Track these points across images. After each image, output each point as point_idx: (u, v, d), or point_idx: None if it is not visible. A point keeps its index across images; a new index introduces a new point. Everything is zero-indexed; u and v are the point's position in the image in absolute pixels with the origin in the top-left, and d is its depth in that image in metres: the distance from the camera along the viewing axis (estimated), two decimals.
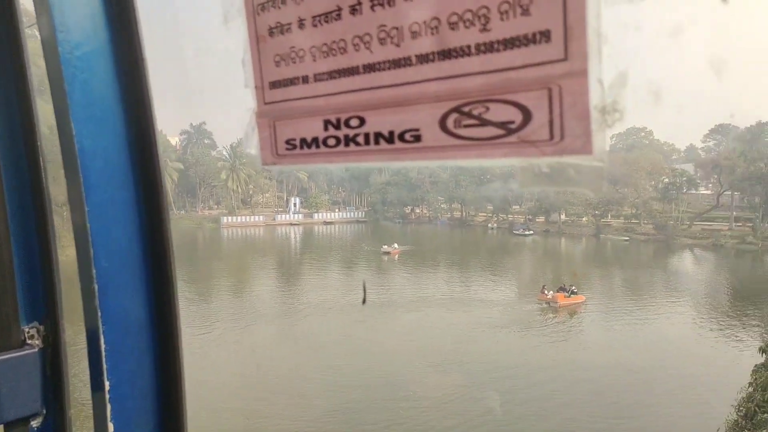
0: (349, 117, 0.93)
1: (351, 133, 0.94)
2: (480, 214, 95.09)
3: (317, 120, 0.97)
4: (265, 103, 1.04)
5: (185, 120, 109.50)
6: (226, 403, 22.33)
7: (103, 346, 1.21)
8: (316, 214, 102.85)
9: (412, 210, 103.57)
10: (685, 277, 52.43)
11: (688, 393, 23.50)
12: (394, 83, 0.87)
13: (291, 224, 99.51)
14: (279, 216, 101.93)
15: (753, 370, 15.04)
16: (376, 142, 0.91)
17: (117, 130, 1.22)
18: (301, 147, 1.01)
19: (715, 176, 69.48)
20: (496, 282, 49.23)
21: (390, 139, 0.90)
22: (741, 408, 13.86)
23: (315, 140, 0.98)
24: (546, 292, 38.36)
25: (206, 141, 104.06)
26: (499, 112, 0.80)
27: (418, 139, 0.87)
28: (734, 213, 70.45)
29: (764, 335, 32.22)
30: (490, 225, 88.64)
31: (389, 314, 37.12)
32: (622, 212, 77.04)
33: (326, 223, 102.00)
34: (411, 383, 24.28)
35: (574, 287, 39.02)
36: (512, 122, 0.79)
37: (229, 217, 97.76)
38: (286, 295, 44.34)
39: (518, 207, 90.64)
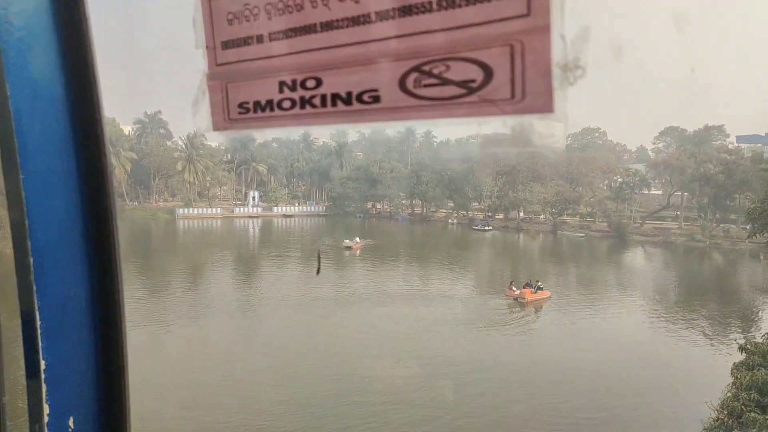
0: (305, 78, 0.89)
1: (307, 94, 0.90)
2: (440, 210, 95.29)
3: (272, 81, 0.92)
4: (217, 65, 0.98)
5: (139, 108, 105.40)
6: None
7: (38, 323, 1.14)
8: (275, 208, 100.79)
9: (373, 205, 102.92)
10: (638, 273, 53.76)
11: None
12: (353, 42, 0.83)
13: (250, 217, 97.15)
14: (238, 209, 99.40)
15: (733, 369, 15.08)
16: (334, 104, 0.88)
17: (59, 114, 1.14)
18: (255, 110, 0.96)
19: (666, 177, 71.65)
20: (460, 277, 49.15)
21: (348, 101, 0.86)
22: (725, 407, 13.87)
23: (269, 103, 0.94)
24: (514, 288, 38.33)
25: (161, 131, 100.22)
26: (460, 71, 0.77)
27: (377, 99, 0.84)
28: (683, 212, 72.95)
29: (708, 328, 33.28)
30: (450, 221, 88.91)
31: (352, 309, 36.34)
32: (579, 210, 78.64)
33: (286, 216, 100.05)
34: (373, 380, 23.54)
35: (540, 283, 39.33)
36: (473, 81, 0.77)
37: (185, 209, 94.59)
38: (245, 290, 42.84)
39: (478, 204, 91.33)
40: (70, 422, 1.18)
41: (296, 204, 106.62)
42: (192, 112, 1.00)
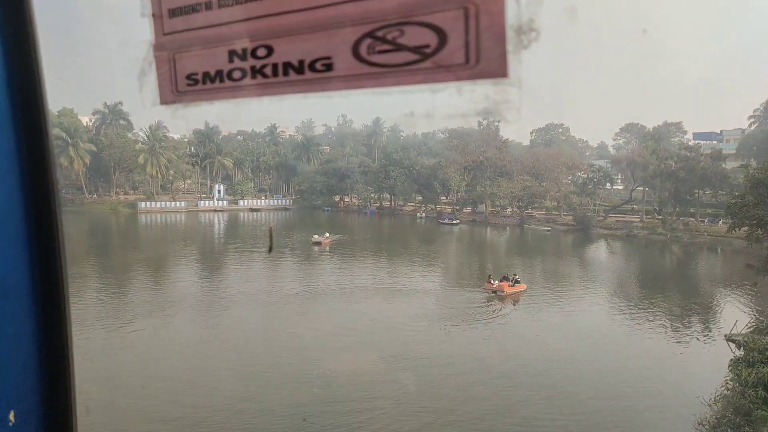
0: (256, 46, 0.86)
1: (258, 64, 0.87)
2: (408, 204, 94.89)
3: (221, 51, 0.89)
4: (164, 34, 0.93)
5: (98, 99, 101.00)
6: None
7: None
8: (241, 201, 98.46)
9: (341, 199, 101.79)
10: (604, 266, 54.44)
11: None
12: (305, 7, 0.81)
13: (215, 210, 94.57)
14: (202, 202, 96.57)
15: (731, 365, 14.84)
16: (285, 73, 0.85)
17: None
18: (204, 82, 0.92)
19: (629, 172, 72.96)
20: (432, 271, 48.65)
21: (300, 69, 0.84)
22: (730, 404, 13.58)
23: (219, 74, 0.90)
24: (492, 281, 38.09)
25: (122, 122, 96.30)
26: (414, 36, 0.76)
27: (329, 68, 0.82)
28: (644, 207, 74.49)
29: (675, 321, 33.69)
30: (418, 215, 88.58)
31: (324, 306, 35.25)
32: (545, 204, 79.41)
33: (252, 210, 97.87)
34: (355, 386, 22.51)
35: (517, 276, 39.32)
36: (427, 46, 0.75)
37: (148, 203, 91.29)
38: (210, 286, 41.08)
39: (445, 198, 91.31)
40: (11, 416, 1.10)
41: (263, 197, 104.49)
42: (138, 86, 0.95)
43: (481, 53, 0.73)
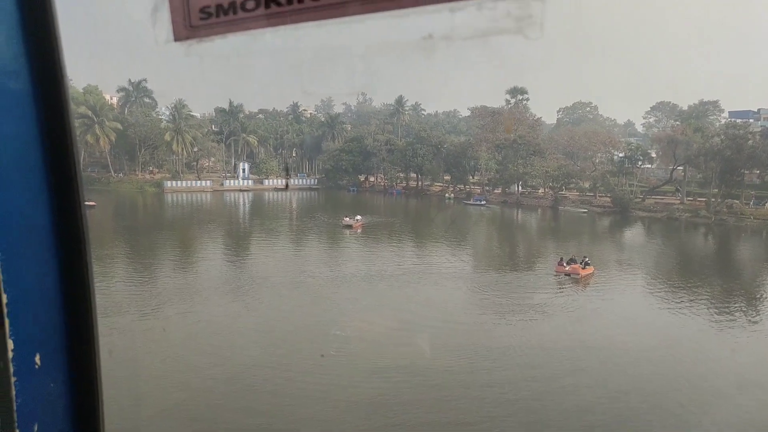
0: None
1: None
2: (435, 184, 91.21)
3: None
4: None
5: (122, 75, 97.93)
6: None
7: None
8: (266, 180, 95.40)
9: (366, 178, 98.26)
10: (652, 250, 50.90)
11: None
12: None
13: (241, 190, 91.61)
14: (228, 181, 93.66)
15: None
16: (300, 1, 0.81)
17: (25, 99, 1.09)
18: (218, 15, 0.88)
19: (670, 151, 68.60)
20: (482, 254, 45.54)
21: None
22: None
23: (232, 5, 0.86)
24: (564, 263, 35.73)
25: (147, 100, 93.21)
26: None
27: None
28: (686, 188, 70.29)
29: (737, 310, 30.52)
30: (447, 195, 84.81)
31: (376, 291, 32.25)
32: (579, 185, 75.40)
33: (277, 189, 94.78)
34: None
35: (587, 258, 36.61)
36: None
37: (173, 182, 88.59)
38: (241, 271, 38.04)
39: (473, 178, 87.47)
40: (36, 358, 1.13)
41: (287, 176, 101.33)
42: (150, 22, 0.91)
43: None
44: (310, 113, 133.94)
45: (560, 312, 28.55)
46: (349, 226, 54.11)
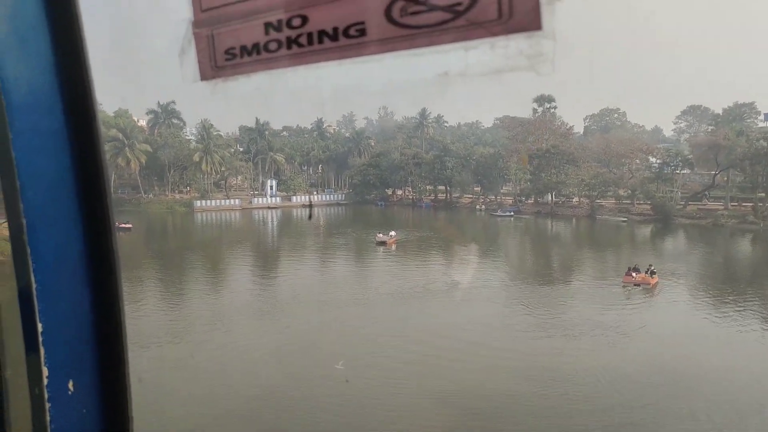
0: (291, 17, 0.85)
1: (293, 34, 0.85)
2: (465, 196, 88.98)
3: (258, 23, 0.88)
4: (202, 11, 0.92)
5: (152, 98, 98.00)
6: None
7: (34, 286, 1.11)
8: (294, 197, 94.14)
9: (394, 192, 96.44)
10: (706, 258, 47.95)
11: None
12: None
13: (269, 208, 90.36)
14: (256, 199, 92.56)
15: None
16: (320, 41, 0.84)
17: (54, 115, 1.11)
18: (242, 56, 0.91)
19: (711, 155, 65.50)
20: (524, 268, 43.17)
21: (334, 37, 0.82)
22: None
23: (256, 46, 0.89)
24: (632, 273, 34.04)
25: (175, 121, 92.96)
26: None
27: (363, 33, 0.80)
28: (730, 193, 66.99)
29: None
30: (478, 207, 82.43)
31: (430, 311, 30.10)
32: (617, 193, 72.46)
33: (305, 206, 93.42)
34: None
35: (652, 267, 34.86)
36: (459, 4, 0.73)
37: (203, 201, 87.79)
38: (305, 289, 35.90)
39: (504, 189, 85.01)
40: (70, 385, 1.16)
41: (314, 193, 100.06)
42: (178, 63, 0.93)
43: (513, 7, 0.70)
44: (333, 129, 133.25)
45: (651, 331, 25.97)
46: (383, 243, 51.87)
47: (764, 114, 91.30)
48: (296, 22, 0.84)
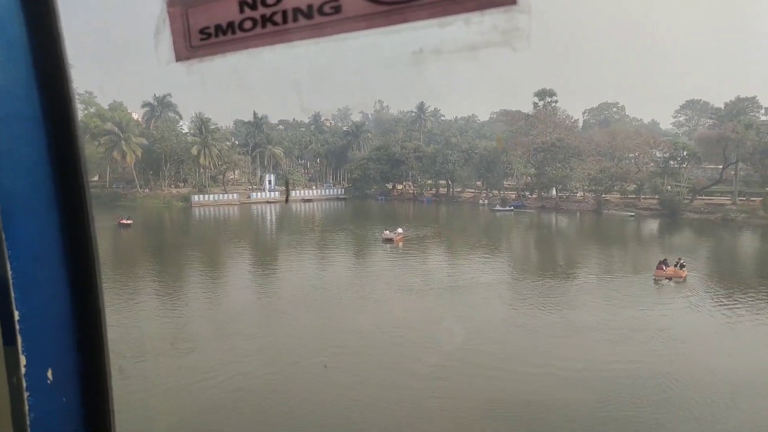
0: None
1: (268, 12, 0.85)
2: (467, 190, 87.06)
3: (232, 1, 0.87)
4: None
5: (148, 91, 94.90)
6: None
7: (9, 274, 1.09)
8: (293, 192, 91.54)
9: (394, 186, 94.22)
10: (722, 253, 46.40)
11: None
12: None
13: (268, 202, 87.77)
14: (254, 194, 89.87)
15: None
16: (295, 19, 0.83)
17: (31, 115, 1.09)
18: (217, 35, 0.90)
19: (719, 149, 64.06)
20: (556, 262, 41.25)
21: (309, 14, 0.81)
22: None
23: (231, 25, 0.88)
24: (664, 266, 33.39)
25: (171, 114, 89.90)
26: None
27: (338, 10, 0.79)
28: (738, 187, 65.66)
29: None
30: (480, 201, 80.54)
31: (460, 309, 28.08)
32: (624, 187, 70.82)
33: (305, 200, 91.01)
34: None
35: (682, 260, 34.04)
36: None
37: (201, 196, 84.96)
38: (329, 289, 33.53)
39: (508, 183, 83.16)
40: (49, 373, 1.15)
41: (313, 187, 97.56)
42: (153, 44, 0.93)
43: None
44: (329, 123, 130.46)
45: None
46: (390, 240, 49.47)
47: (765, 108, 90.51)
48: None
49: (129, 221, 56.49)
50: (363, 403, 16.98)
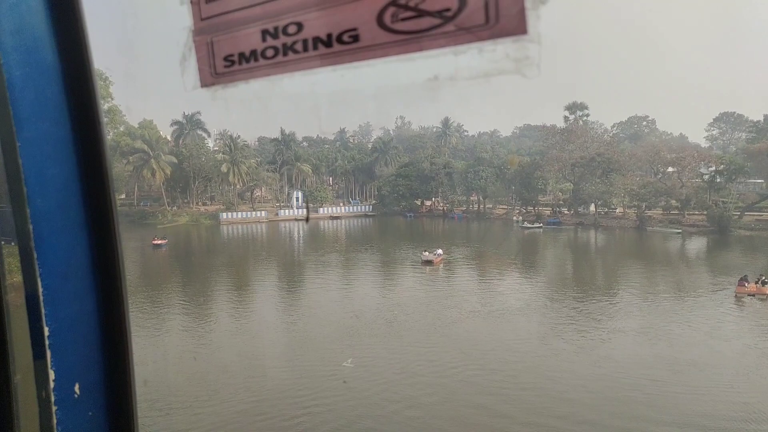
0: (286, 24, 0.86)
1: (289, 41, 0.87)
2: (498, 207, 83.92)
3: (255, 31, 0.89)
4: (202, 19, 0.94)
5: (177, 110, 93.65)
6: None
7: (40, 291, 1.12)
8: (321, 209, 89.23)
9: (423, 203, 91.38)
10: None
11: None
12: None
13: (296, 219, 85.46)
14: (282, 211, 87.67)
15: None
16: (315, 47, 0.85)
17: (60, 118, 1.11)
18: (240, 62, 0.92)
19: None
20: (620, 281, 38.00)
21: (328, 43, 0.83)
22: None
23: (254, 53, 0.90)
24: (746, 283, 32.00)
25: (199, 132, 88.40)
26: (435, 1, 0.76)
27: (356, 39, 0.81)
28: None
29: None
30: (515, 218, 77.27)
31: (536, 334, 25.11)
32: (669, 203, 67.23)
33: (333, 217, 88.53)
34: None
35: (764, 277, 32.33)
36: (448, 9, 0.74)
37: (229, 213, 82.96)
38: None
39: (545, 198, 79.86)
40: (76, 388, 1.17)
41: (341, 204, 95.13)
42: (180, 70, 0.95)
43: (500, 12, 0.70)
44: (355, 140, 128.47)
45: None
46: (429, 262, 46.50)
47: None
48: (291, 29, 0.84)
49: (164, 241, 54.33)
50: None
